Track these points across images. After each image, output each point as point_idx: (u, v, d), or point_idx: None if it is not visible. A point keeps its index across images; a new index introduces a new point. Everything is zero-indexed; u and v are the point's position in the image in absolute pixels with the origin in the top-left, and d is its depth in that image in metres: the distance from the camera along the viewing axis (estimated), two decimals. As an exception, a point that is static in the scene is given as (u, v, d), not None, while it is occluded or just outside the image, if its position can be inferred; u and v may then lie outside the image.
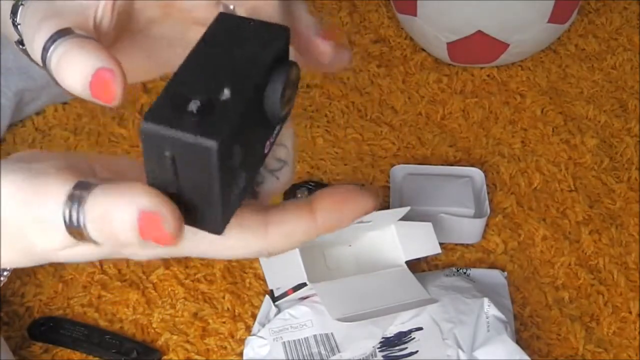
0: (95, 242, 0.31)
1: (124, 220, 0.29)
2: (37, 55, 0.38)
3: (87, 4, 0.37)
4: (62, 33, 0.36)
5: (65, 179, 0.31)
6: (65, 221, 0.31)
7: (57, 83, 0.35)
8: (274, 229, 0.32)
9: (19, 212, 0.31)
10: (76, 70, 0.34)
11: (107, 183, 0.30)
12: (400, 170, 0.88)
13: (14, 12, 0.41)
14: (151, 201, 0.29)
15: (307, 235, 0.32)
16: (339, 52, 0.37)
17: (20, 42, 0.42)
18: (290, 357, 0.72)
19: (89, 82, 0.33)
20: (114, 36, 0.38)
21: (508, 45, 0.98)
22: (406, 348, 0.71)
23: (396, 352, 0.71)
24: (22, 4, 0.40)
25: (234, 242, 0.32)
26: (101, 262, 0.82)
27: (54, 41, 0.36)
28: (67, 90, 0.35)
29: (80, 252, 0.32)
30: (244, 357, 0.74)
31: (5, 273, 0.47)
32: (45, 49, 0.36)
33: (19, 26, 0.40)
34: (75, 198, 0.30)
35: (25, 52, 0.42)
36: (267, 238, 0.32)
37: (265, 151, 0.33)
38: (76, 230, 0.31)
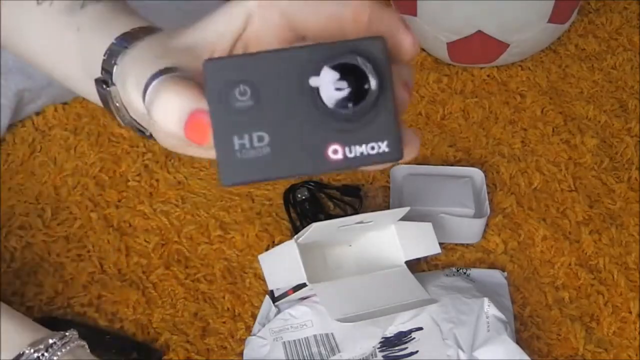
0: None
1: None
2: (131, 95, 0.40)
3: (201, 43, 0.38)
4: (164, 72, 0.37)
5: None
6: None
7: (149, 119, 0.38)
8: None
9: None
10: (172, 110, 0.35)
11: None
12: (400, 170, 0.88)
13: (113, 54, 0.43)
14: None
15: None
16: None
17: (104, 82, 0.44)
18: (290, 357, 0.72)
19: (185, 124, 0.34)
20: None
21: (508, 45, 0.98)
22: (406, 348, 0.71)
23: (396, 352, 0.71)
24: (126, 47, 0.43)
25: None
26: (101, 262, 0.82)
27: (154, 79, 0.37)
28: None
29: None
30: (244, 357, 0.74)
31: None
32: (146, 86, 0.37)
33: (115, 66, 0.42)
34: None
35: (104, 92, 0.45)
36: None
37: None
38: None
